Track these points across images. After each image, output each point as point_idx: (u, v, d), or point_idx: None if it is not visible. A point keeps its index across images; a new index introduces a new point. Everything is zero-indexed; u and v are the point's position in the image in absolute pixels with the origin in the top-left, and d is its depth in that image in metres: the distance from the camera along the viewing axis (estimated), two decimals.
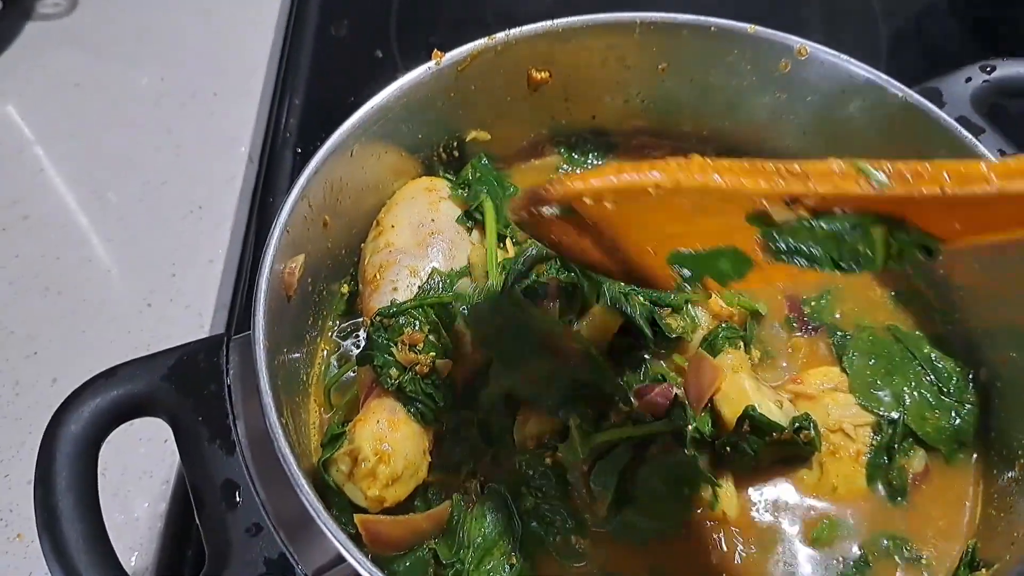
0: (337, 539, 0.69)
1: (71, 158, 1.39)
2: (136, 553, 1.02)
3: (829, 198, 0.63)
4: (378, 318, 0.90)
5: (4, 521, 1.04)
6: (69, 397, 0.76)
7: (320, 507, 0.71)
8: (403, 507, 0.87)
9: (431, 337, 0.90)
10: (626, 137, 1.18)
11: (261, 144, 1.42)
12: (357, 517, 0.81)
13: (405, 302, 0.91)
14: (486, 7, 1.64)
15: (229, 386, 0.80)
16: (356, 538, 0.79)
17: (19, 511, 1.05)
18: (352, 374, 1.00)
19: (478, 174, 1.09)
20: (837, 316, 1.06)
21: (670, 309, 0.98)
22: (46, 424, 0.98)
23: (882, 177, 0.62)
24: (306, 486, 0.72)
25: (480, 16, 1.63)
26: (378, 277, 0.97)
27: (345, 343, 1.05)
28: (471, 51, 1.03)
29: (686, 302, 0.99)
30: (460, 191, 1.07)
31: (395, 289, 0.95)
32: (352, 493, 0.83)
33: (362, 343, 1.00)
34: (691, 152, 0.77)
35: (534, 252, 0.94)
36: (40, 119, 1.44)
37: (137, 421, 0.84)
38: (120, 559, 0.74)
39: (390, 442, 0.83)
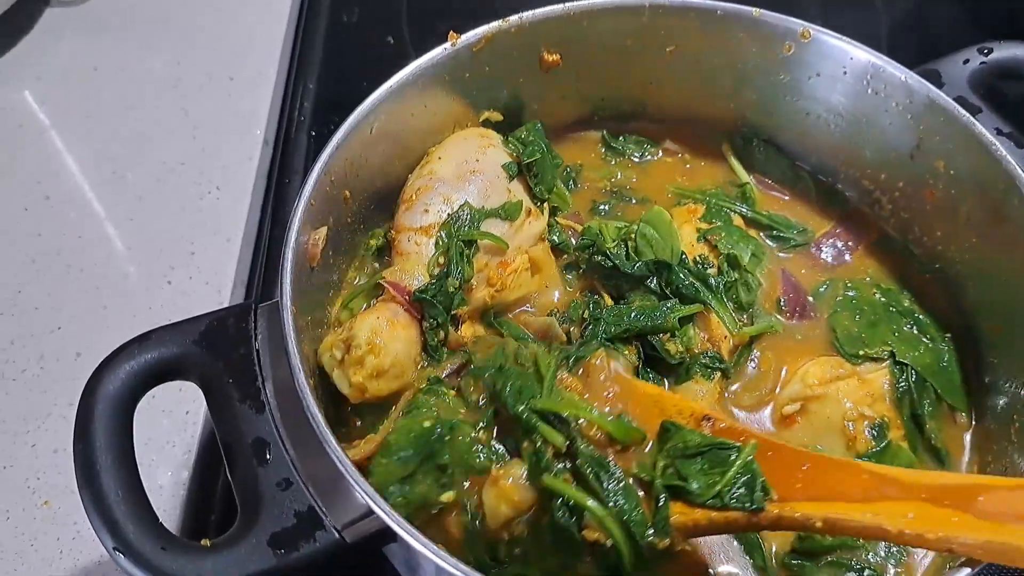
0: (366, 493, 0.73)
1: (89, 140, 1.42)
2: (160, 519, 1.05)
3: None
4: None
5: (32, 488, 1.08)
6: (105, 360, 0.79)
7: (348, 463, 0.74)
8: (381, 405, 0.92)
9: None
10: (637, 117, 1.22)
11: (276, 126, 1.45)
12: (349, 452, 0.83)
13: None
14: None
15: (258, 349, 0.83)
16: None
17: (46, 479, 1.08)
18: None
19: (531, 136, 1.12)
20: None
21: (668, 334, 0.99)
22: (70, 396, 1.02)
23: None
24: (333, 442, 0.75)
25: (489, 2, 1.66)
26: (414, 198, 1.03)
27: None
28: (485, 33, 1.07)
29: (680, 321, 0.99)
30: (512, 143, 1.10)
31: (426, 211, 1.01)
32: (339, 380, 0.89)
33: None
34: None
35: None
36: (58, 103, 1.47)
37: (159, 392, 0.88)
38: None
39: (384, 337, 0.90)
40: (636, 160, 1.23)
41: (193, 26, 1.58)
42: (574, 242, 1.12)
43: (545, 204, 1.10)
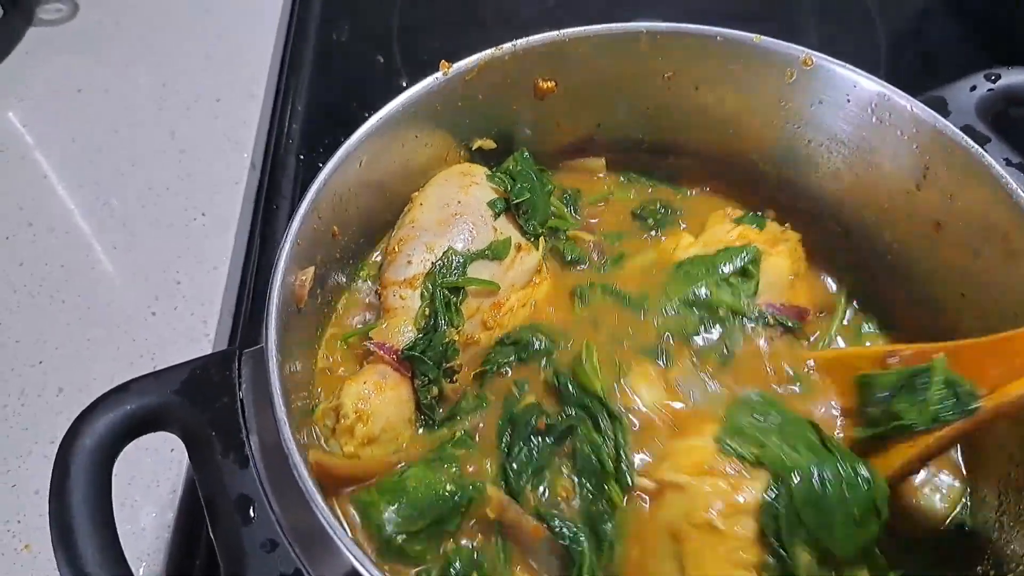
0: (353, 555, 0.70)
1: (74, 164, 1.39)
2: (144, 564, 1.02)
3: None
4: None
5: (12, 532, 1.04)
6: (82, 412, 0.76)
7: (336, 523, 0.71)
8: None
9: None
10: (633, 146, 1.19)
11: (264, 149, 1.42)
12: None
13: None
14: (486, 10, 1.64)
15: (242, 400, 0.80)
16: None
17: (26, 521, 1.05)
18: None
19: (519, 167, 1.09)
20: None
21: None
22: (52, 433, 0.99)
23: None
24: (321, 502, 0.72)
25: (480, 20, 1.64)
26: (396, 249, 1.00)
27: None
28: (478, 61, 1.04)
29: None
30: (499, 179, 1.07)
31: (409, 263, 0.98)
32: (333, 448, 0.88)
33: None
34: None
35: None
36: (42, 125, 1.44)
37: None
38: None
39: (372, 403, 0.88)
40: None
41: (179, 46, 1.55)
42: (596, 257, 1.10)
43: (541, 238, 1.07)
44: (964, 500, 0.94)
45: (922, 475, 0.94)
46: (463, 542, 0.87)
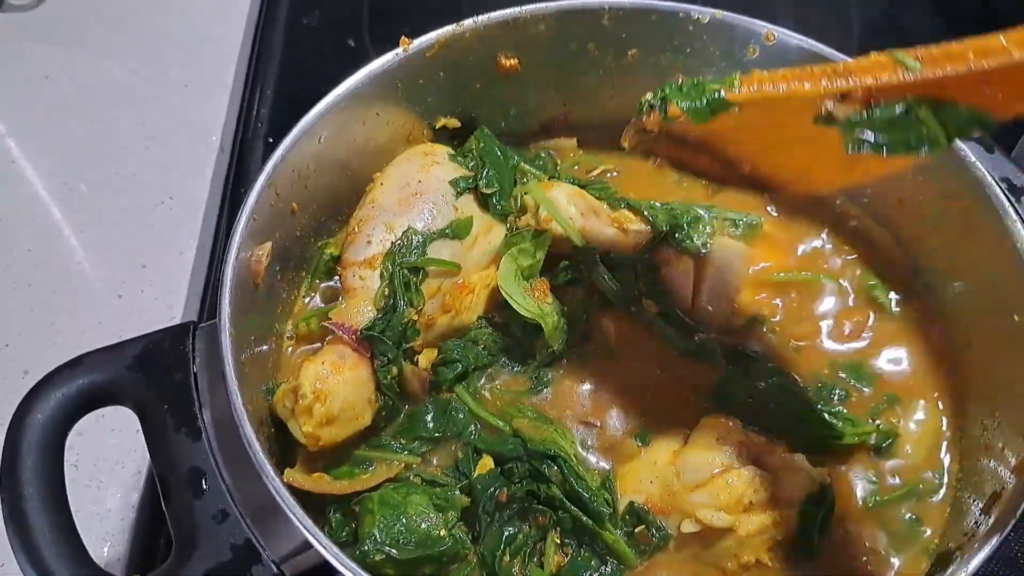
0: (304, 525, 0.69)
1: (42, 150, 1.38)
2: (108, 544, 1.02)
3: (874, 89, 0.70)
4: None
5: None
6: (34, 387, 0.76)
7: (287, 493, 0.71)
8: (341, 449, 0.89)
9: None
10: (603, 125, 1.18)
11: (232, 134, 1.42)
12: (286, 473, 0.81)
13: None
14: None
15: (195, 374, 0.80)
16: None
17: None
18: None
19: (481, 144, 1.09)
20: None
21: None
22: None
23: (914, 63, 0.69)
24: (271, 470, 0.72)
25: (454, 5, 1.63)
26: (356, 230, 0.99)
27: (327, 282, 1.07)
28: (438, 37, 1.04)
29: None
30: (461, 159, 1.07)
31: (369, 243, 0.97)
32: (293, 428, 0.85)
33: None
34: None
35: None
36: (11, 111, 1.43)
37: (108, 412, 0.85)
38: (91, 550, 0.74)
39: (330, 383, 0.85)
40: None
41: (148, 33, 1.54)
42: None
43: (511, 216, 1.06)
44: None
45: None
46: None
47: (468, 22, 1.04)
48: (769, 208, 1.12)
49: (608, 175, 1.17)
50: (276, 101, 1.45)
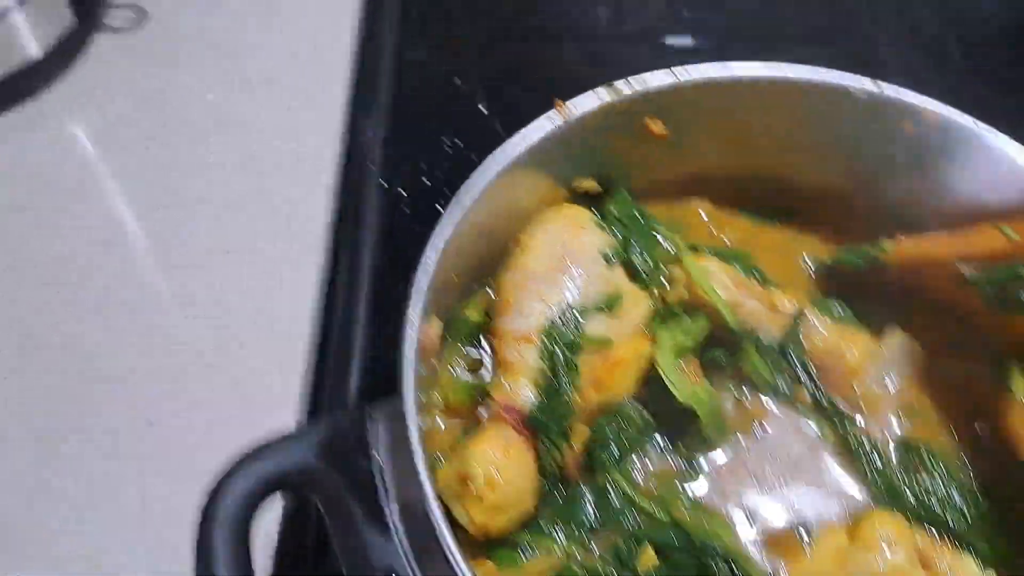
0: None
1: (147, 184, 1.37)
2: None
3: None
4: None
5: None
6: (221, 481, 0.74)
7: None
8: (505, 537, 0.87)
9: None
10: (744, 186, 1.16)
11: (343, 177, 1.39)
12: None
13: None
14: (554, 23, 1.63)
15: (377, 460, 0.78)
16: None
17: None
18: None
19: (622, 208, 1.08)
20: None
21: None
22: (140, 464, 0.98)
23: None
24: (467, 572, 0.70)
25: (551, 33, 1.62)
26: (510, 300, 0.98)
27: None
28: (597, 103, 1.02)
29: None
30: (605, 225, 1.05)
31: (525, 315, 0.95)
32: (459, 515, 0.83)
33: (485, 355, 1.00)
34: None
35: None
36: (113, 140, 1.42)
37: None
38: None
39: (501, 469, 0.83)
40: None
41: (250, 64, 1.52)
42: None
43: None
44: None
45: None
46: None
47: (624, 88, 1.02)
48: None
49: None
50: (385, 141, 1.43)
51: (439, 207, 1.01)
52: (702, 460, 0.97)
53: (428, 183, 1.38)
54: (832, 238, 1.15)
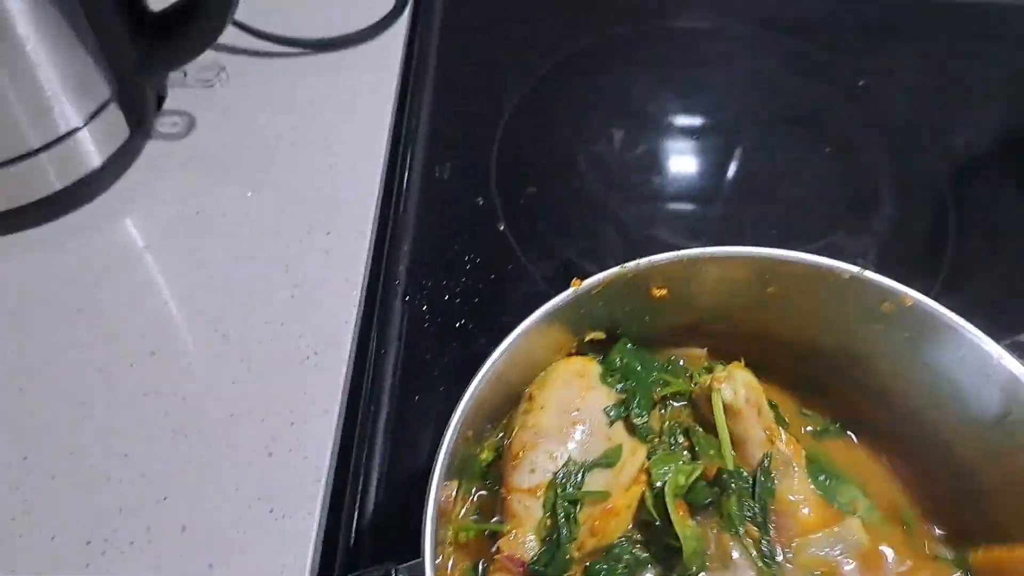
0: None
1: (193, 291, 1.47)
2: None
3: None
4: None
5: None
6: None
7: None
8: None
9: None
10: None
11: (369, 290, 1.51)
12: None
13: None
14: (577, 152, 1.74)
15: None
16: None
17: None
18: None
19: (625, 360, 1.19)
20: None
21: None
22: (176, 571, 1.08)
23: None
24: None
25: (573, 161, 1.73)
26: (520, 455, 1.07)
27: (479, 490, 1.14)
28: (606, 278, 1.13)
29: None
30: (610, 378, 1.16)
31: (532, 471, 1.06)
32: None
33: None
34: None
35: None
36: (163, 248, 1.53)
37: None
38: None
39: None
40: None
41: (293, 173, 1.63)
42: None
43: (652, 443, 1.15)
44: None
45: None
46: None
47: (631, 264, 1.14)
48: None
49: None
50: (412, 257, 1.54)
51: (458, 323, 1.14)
52: None
53: (446, 298, 1.49)
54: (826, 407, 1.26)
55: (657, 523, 1.07)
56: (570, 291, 1.12)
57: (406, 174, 1.65)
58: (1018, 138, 1.84)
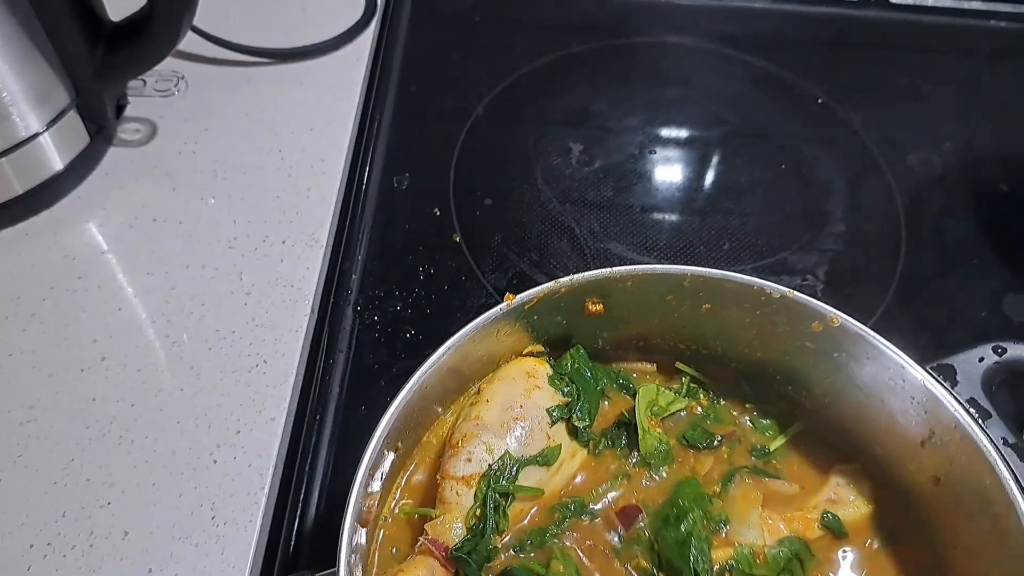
0: None
1: (145, 298, 1.49)
2: None
3: None
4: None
5: None
6: None
7: None
8: None
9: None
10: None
11: (323, 298, 1.53)
12: None
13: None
14: (535, 166, 1.76)
15: None
16: None
17: None
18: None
19: (575, 365, 1.21)
20: None
21: None
22: None
23: None
24: None
25: (531, 175, 1.75)
26: (460, 444, 1.11)
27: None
28: (539, 292, 1.15)
29: None
30: (558, 381, 1.19)
31: (469, 460, 1.08)
32: None
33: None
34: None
35: None
36: (120, 253, 1.55)
37: None
38: None
39: None
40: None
41: (250, 182, 1.65)
42: None
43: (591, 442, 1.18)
44: None
45: None
46: None
47: (565, 280, 1.16)
48: None
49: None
50: (366, 267, 1.56)
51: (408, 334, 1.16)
52: None
53: (398, 308, 1.51)
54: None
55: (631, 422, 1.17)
56: (502, 306, 1.14)
57: (364, 184, 1.66)
58: (975, 157, 1.87)
